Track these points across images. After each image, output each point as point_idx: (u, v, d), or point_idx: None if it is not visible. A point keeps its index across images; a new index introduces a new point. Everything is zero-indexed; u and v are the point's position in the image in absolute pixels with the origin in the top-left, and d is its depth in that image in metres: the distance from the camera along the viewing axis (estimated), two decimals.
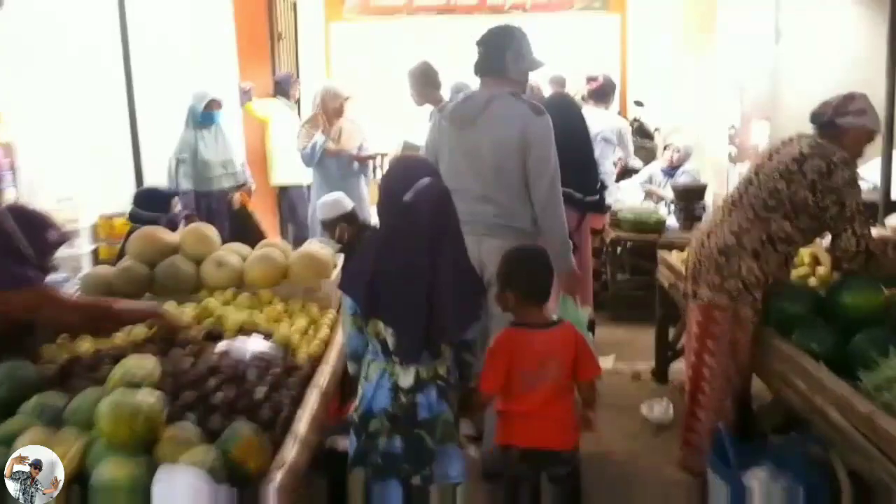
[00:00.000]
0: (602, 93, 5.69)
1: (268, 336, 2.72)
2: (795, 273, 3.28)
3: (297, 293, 3.20)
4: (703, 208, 5.42)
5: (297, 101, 7.18)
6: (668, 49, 8.09)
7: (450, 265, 2.25)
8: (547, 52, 3.44)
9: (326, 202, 4.53)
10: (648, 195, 5.91)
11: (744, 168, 5.75)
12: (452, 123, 3.18)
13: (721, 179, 5.97)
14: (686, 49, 7.30)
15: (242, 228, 5.41)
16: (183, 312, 2.88)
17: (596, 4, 10.23)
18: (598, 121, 5.51)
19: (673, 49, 7.92)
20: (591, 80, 5.76)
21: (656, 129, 7.68)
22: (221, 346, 2.53)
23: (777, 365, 2.77)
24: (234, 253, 3.34)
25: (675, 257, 3.97)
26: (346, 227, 4.36)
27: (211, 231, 3.39)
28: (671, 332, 4.33)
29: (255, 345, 2.57)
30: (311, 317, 3.02)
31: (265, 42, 6.90)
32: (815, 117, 2.87)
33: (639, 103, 8.01)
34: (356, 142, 5.65)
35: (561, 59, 7.15)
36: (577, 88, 7.60)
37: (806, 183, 2.74)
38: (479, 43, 3.19)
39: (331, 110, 5.57)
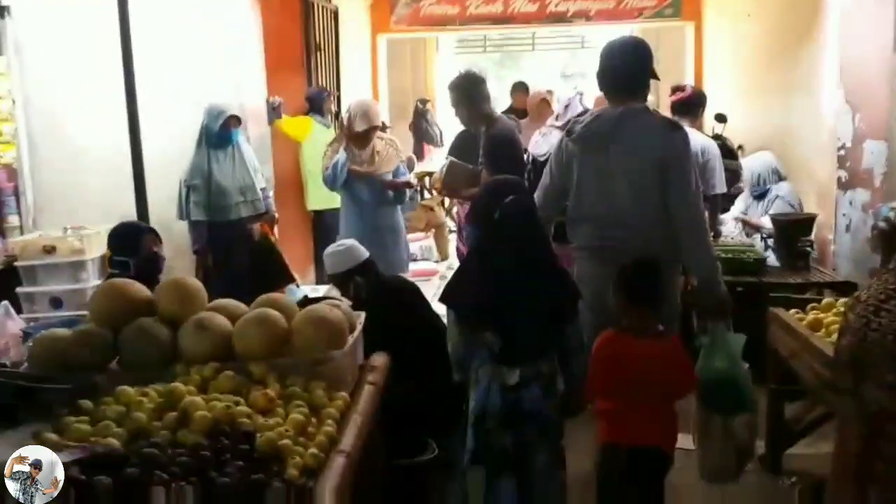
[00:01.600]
0: (689, 105, 4.85)
1: (248, 436, 1.98)
2: None
3: (300, 367, 2.44)
4: (812, 244, 4.51)
5: (335, 118, 6.50)
6: (752, 59, 7.19)
7: (541, 272, 2.54)
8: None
9: (336, 253, 3.60)
10: (744, 226, 5.01)
11: (855, 196, 4.82)
12: (582, 145, 3.04)
13: (828, 208, 5.03)
14: (779, 57, 6.38)
15: (263, 264, 4.74)
16: (141, 401, 2.16)
17: (667, 12, 9.38)
18: None
19: (759, 59, 7.01)
20: (676, 89, 4.92)
21: (740, 147, 6.76)
22: None
23: None
24: (221, 313, 2.59)
25: (791, 317, 3.08)
26: (361, 282, 3.46)
27: (194, 285, 2.64)
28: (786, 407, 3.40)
29: None
30: (314, 403, 2.26)
31: (299, 53, 6.21)
32: None
33: (721, 118, 7.09)
34: (392, 165, 4.87)
35: None
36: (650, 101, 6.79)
37: None
38: (606, 58, 3.09)
39: (356, 133, 4.76)
